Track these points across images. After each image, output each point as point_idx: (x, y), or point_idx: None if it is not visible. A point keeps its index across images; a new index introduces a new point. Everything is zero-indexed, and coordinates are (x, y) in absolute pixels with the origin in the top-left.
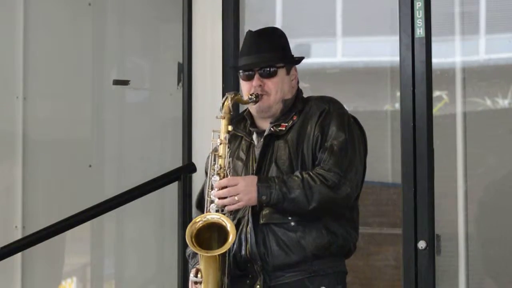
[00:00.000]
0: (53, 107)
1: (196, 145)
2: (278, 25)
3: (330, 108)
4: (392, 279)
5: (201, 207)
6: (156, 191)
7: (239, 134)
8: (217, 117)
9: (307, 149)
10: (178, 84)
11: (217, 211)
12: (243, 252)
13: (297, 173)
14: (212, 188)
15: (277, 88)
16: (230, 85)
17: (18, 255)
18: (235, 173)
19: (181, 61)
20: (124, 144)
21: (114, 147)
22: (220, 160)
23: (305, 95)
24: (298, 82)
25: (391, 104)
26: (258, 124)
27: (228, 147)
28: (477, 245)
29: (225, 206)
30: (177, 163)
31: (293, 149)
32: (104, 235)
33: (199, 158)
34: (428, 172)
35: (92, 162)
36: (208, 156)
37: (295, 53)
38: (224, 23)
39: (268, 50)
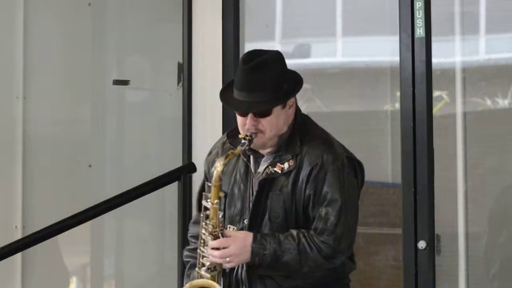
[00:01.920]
0: (53, 107)
1: (196, 145)
2: (278, 25)
3: (323, 163)
4: (392, 279)
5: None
6: (156, 191)
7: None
8: (208, 185)
9: (299, 204)
10: (178, 84)
11: (208, 268)
12: None
13: (294, 233)
14: (204, 244)
15: (271, 126)
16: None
17: (18, 255)
18: (232, 201)
19: (181, 61)
20: (124, 144)
21: (114, 147)
22: (211, 221)
23: (305, 96)
24: (296, 105)
25: (391, 104)
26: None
27: (220, 210)
28: (477, 245)
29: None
30: (177, 163)
31: (288, 203)
32: (104, 235)
33: (199, 158)
34: (428, 172)
35: (92, 162)
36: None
37: (295, 53)
38: (224, 23)
39: (261, 89)
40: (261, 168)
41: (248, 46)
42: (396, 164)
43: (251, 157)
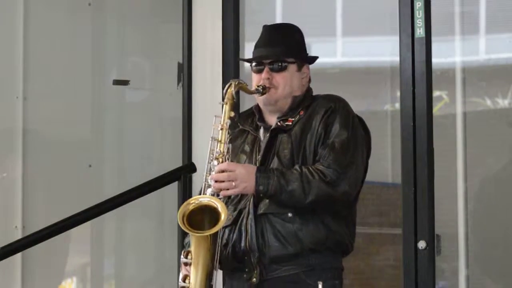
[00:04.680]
0: (53, 107)
1: (196, 145)
2: None
3: (336, 106)
4: (392, 279)
5: None
6: (156, 191)
7: (246, 129)
8: (219, 103)
9: (309, 144)
10: (178, 84)
11: (212, 195)
12: (242, 243)
13: (297, 166)
14: (210, 172)
15: (285, 83)
16: None
17: (18, 255)
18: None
19: (181, 61)
20: (124, 144)
21: (114, 147)
22: (220, 145)
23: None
24: (309, 81)
25: (391, 104)
26: (266, 119)
27: (228, 133)
28: (477, 245)
29: (220, 190)
30: (177, 163)
31: (296, 143)
32: (104, 235)
33: (199, 158)
34: (428, 172)
35: (92, 162)
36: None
37: None
38: (224, 23)
39: (281, 44)
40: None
41: (248, 46)
42: (396, 164)
43: (261, 129)
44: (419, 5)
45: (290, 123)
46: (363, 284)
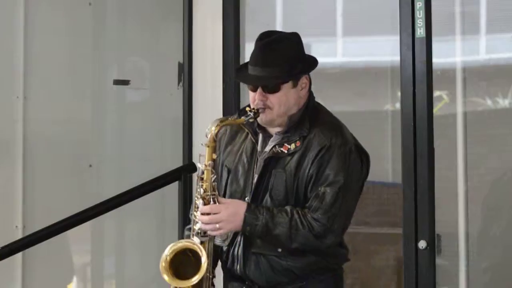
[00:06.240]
0: (53, 107)
1: (196, 145)
2: (278, 25)
3: (331, 145)
4: (392, 279)
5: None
6: (156, 191)
7: (246, 129)
8: (202, 144)
9: (301, 185)
10: (178, 84)
11: (198, 233)
12: (235, 267)
13: (288, 208)
14: (197, 209)
15: (280, 103)
16: (230, 84)
17: (18, 255)
18: (235, 178)
19: (181, 61)
20: (124, 144)
21: (114, 147)
22: (204, 184)
23: None
24: (310, 87)
25: (392, 104)
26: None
27: (212, 172)
28: (477, 245)
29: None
30: (177, 163)
31: (290, 181)
32: (104, 235)
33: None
34: (429, 172)
35: (92, 162)
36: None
37: None
38: (224, 23)
39: (274, 64)
40: (267, 148)
41: (248, 46)
42: (396, 164)
43: (260, 135)
44: (419, 5)
45: (285, 151)
46: (363, 284)
